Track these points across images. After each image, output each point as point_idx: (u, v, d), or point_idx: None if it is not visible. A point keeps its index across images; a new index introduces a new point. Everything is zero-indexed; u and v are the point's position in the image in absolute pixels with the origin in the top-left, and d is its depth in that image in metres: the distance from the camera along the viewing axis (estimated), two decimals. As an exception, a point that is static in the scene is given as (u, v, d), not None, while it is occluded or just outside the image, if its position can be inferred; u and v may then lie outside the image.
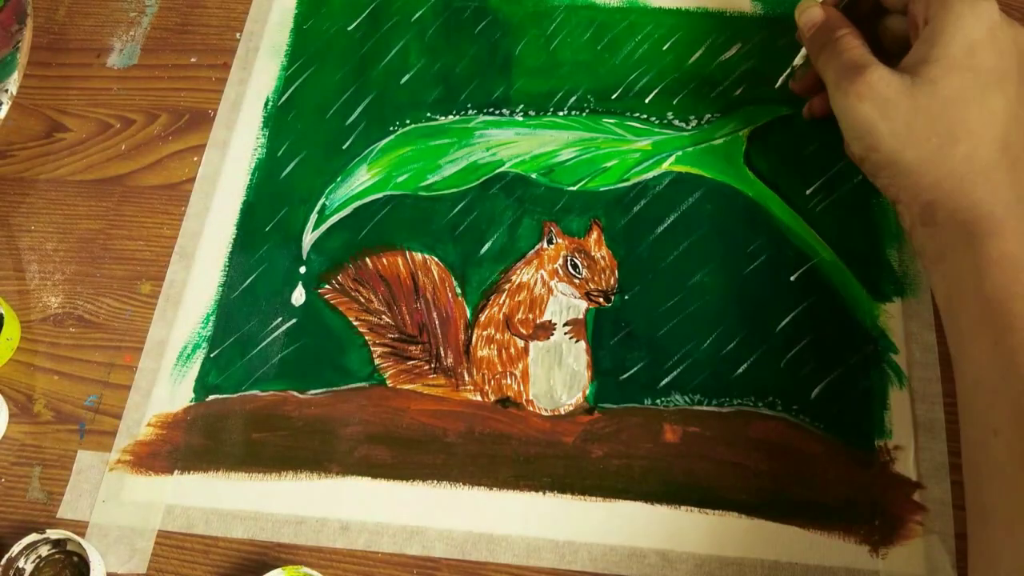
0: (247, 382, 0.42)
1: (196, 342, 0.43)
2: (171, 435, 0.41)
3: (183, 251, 0.45)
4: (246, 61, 0.51)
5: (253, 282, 0.45)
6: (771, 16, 0.50)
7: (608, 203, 0.45)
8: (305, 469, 0.40)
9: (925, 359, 0.41)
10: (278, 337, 0.43)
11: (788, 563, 0.37)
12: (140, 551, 0.39)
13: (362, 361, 0.42)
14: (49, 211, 0.47)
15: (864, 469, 0.39)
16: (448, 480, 0.39)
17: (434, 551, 0.38)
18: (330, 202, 0.46)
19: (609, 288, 0.43)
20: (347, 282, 0.44)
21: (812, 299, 0.42)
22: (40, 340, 0.44)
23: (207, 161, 0.48)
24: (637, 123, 0.47)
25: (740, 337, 0.42)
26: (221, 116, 0.49)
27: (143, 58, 0.52)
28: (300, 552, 0.39)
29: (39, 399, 0.42)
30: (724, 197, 0.45)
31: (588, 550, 0.38)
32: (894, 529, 0.38)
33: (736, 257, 0.44)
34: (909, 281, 0.43)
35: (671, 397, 0.41)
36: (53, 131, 0.50)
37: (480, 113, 0.48)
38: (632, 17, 0.51)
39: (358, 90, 0.49)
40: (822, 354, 0.41)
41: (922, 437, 0.39)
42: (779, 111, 0.47)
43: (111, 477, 0.40)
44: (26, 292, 0.45)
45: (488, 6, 0.52)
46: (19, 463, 0.41)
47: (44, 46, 0.52)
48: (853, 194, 0.45)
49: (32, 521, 0.40)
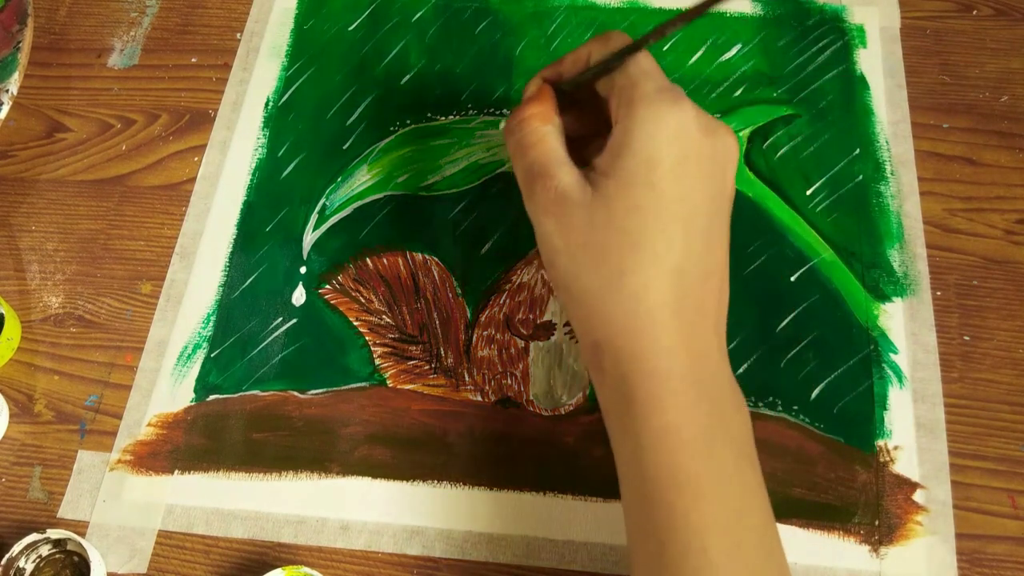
0: (247, 382, 0.42)
1: (197, 342, 0.43)
2: (171, 435, 0.41)
3: (184, 251, 0.45)
4: (247, 61, 0.51)
5: (254, 282, 0.45)
6: (771, 16, 0.50)
7: (608, 203, 0.45)
8: (305, 469, 0.40)
9: (925, 359, 0.41)
10: (278, 337, 0.43)
11: (788, 563, 0.37)
12: (140, 551, 0.39)
13: (362, 361, 0.42)
14: (50, 211, 0.47)
15: (864, 469, 0.39)
16: (448, 480, 0.39)
17: (434, 551, 0.38)
18: (331, 202, 0.46)
19: (609, 288, 0.43)
20: (347, 282, 0.44)
21: (812, 299, 0.42)
22: (41, 340, 0.44)
23: (208, 161, 0.48)
24: (637, 123, 0.47)
25: (740, 337, 0.42)
26: (222, 116, 0.49)
27: (144, 58, 0.52)
28: (300, 552, 0.39)
29: (40, 399, 0.42)
30: (724, 197, 0.45)
31: (588, 550, 0.38)
32: (894, 529, 0.38)
33: (736, 257, 0.43)
34: (909, 281, 0.43)
35: (671, 397, 0.41)
36: (54, 131, 0.50)
37: (481, 113, 0.48)
38: (632, 17, 0.51)
39: (359, 90, 0.49)
40: (822, 354, 0.41)
41: (922, 437, 0.39)
42: (779, 111, 0.47)
43: (111, 477, 0.40)
44: (27, 292, 0.45)
45: (489, 7, 0.52)
46: (19, 463, 0.41)
47: (45, 46, 0.52)
48: (853, 194, 0.45)
49: (32, 521, 0.40)
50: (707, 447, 0.29)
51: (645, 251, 0.30)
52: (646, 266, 0.30)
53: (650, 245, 0.30)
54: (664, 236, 0.30)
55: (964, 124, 0.47)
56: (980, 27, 0.50)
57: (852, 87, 0.48)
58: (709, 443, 0.29)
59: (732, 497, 0.29)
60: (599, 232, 0.30)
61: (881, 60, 0.49)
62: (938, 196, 0.45)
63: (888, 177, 0.45)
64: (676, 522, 0.29)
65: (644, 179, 0.30)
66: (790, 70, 0.49)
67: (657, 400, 0.29)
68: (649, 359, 0.30)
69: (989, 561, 0.37)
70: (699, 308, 0.31)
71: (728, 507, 0.29)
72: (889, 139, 0.46)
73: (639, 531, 0.30)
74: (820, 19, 0.50)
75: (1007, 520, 0.38)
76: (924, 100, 0.48)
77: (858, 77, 0.48)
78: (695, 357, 0.30)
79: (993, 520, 0.38)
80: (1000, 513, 0.38)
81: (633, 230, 0.30)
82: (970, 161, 0.46)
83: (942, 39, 0.50)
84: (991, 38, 0.50)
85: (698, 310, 0.31)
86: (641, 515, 0.30)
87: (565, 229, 0.31)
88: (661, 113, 0.30)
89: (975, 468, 0.39)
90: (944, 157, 0.46)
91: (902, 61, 0.49)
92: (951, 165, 0.46)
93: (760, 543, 0.30)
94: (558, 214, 0.32)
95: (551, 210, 0.32)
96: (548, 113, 0.34)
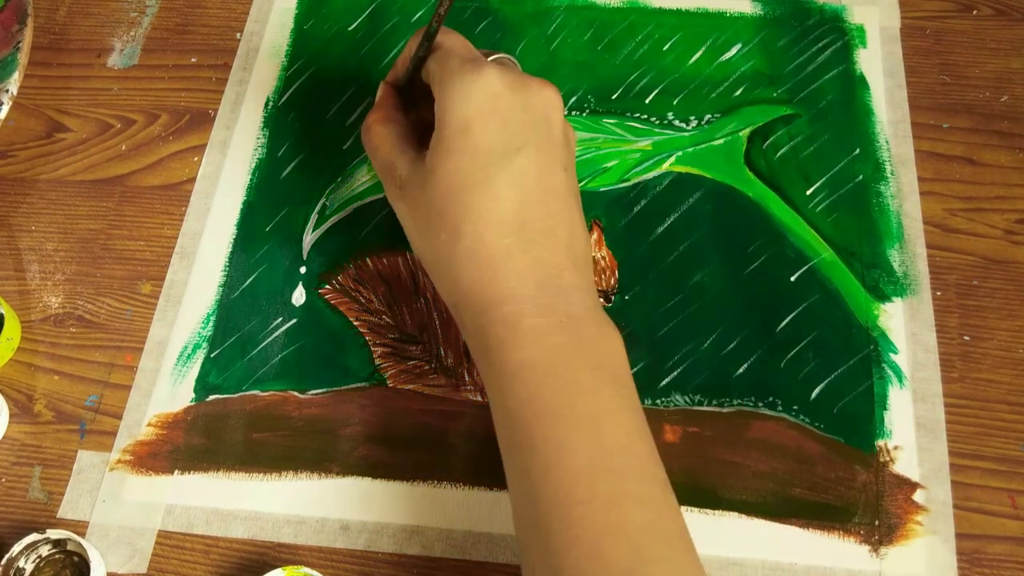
0: (247, 382, 0.42)
1: (196, 342, 0.43)
2: (171, 435, 0.41)
3: (183, 251, 0.45)
4: (247, 61, 0.51)
5: (253, 282, 0.45)
6: (771, 16, 0.50)
7: (608, 203, 0.45)
8: (305, 469, 0.40)
9: (925, 359, 0.41)
10: (278, 337, 0.43)
11: (788, 563, 0.37)
12: (140, 551, 0.39)
13: (362, 361, 0.42)
14: (50, 211, 0.47)
15: (864, 469, 0.39)
16: (448, 480, 0.39)
17: (434, 551, 0.38)
18: (331, 202, 0.46)
19: (609, 288, 0.43)
20: (347, 282, 0.44)
21: (812, 299, 0.42)
22: (40, 340, 0.44)
23: (207, 161, 0.48)
24: (637, 123, 0.48)
25: (740, 337, 0.42)
26: (221, 116, 0.49)
27: (143, 58, 0.52)
28: (300, 552, 0.39)
29: (39, 399, 0.42)
30: (724, 197, 0.45)
31: (588, 550, 0.38)
32: (894, 529, 0.38)
33: (736, 257, 0.44)
34: (909, 281, 0.43)
35: (671, 397, 0.41)
36: (54, 131, 0.50)
37: (480, 113, 0.48)
38: (632, 17, 0.51)
39: (358, 90, 0.49)
40: (822, 354, 0.41)
41: (922, 437, 0.39)
42: (779, 111, 0.47)
43: (111, 477, 0.40)
44: (26, 292, 0.45)
45: (489, 7, 0.52)
46: (19, 463, 0.41)
47: (45, 46, 0.52)
48: (853, 194, 0.45)
49: (32, 521, 0.40)
50: (565, 375, 0.30)
51: (473, 208, 0.32)
52: (477, 222, 0.32)
53: (477, 202, 0.32)
54: (490, 190, 0.32)
55: (964, 124, 0.47)
56: (980, 27, 0.50)
57: (852, 87, 0.48)
58: (567, 371, 0.30)
59: (588, 418, 0.30)
60: (435, 204, 0.33)
61: (881, 60, 0.49)
62: (938, 196, 0.45)
63: (888, 177, 0.45)
64: (537, 448, 0.30)
65: (461, 145, 0.32)
66: (790, 70, 0.49)
67: (511, 342, 0.31)
68: (499, 306, 0.32)
69: (989, 561, 0.37)
70: (545, 247, 0.32)
71: (584, 429, 0.30)
72: (889, 139, 0.46)
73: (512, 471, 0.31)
74: (820, 19, 0.50)
75: (1007, 520, 0.38)
76: (924, 100, 0.48)
77: (858, 77, 0.48)
78: (546, 293, 0.32)
79: (993, 520, 0.38)
80: (1000, 513, 0.38)
81: (460, 192, 0.32)
82: (970, 161, 0.46)
83: (942, 39, 0.50)
84: (991, 38, 0.50)
85: (544, 248, 0.32)
86: (511, 454, 0.31)
87: (413, 211, 0.34)
88: (466, 82, 0.33)
89: (975, 468, 0.39)
90: (944, 157, 0.46)
91: (902, 61, 0.49)
92: (951, 165, 0.46)
93: (627, 464, 0.30)
94: (405, 199, 0.35)
95: (400, 196, 0.35)
96: (387, 115, 0.37)
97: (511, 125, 0.33)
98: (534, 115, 0.33)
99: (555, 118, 0.34)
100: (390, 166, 0.36)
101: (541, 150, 0.33)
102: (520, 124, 0.33)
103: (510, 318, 0.31)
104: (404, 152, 0.35)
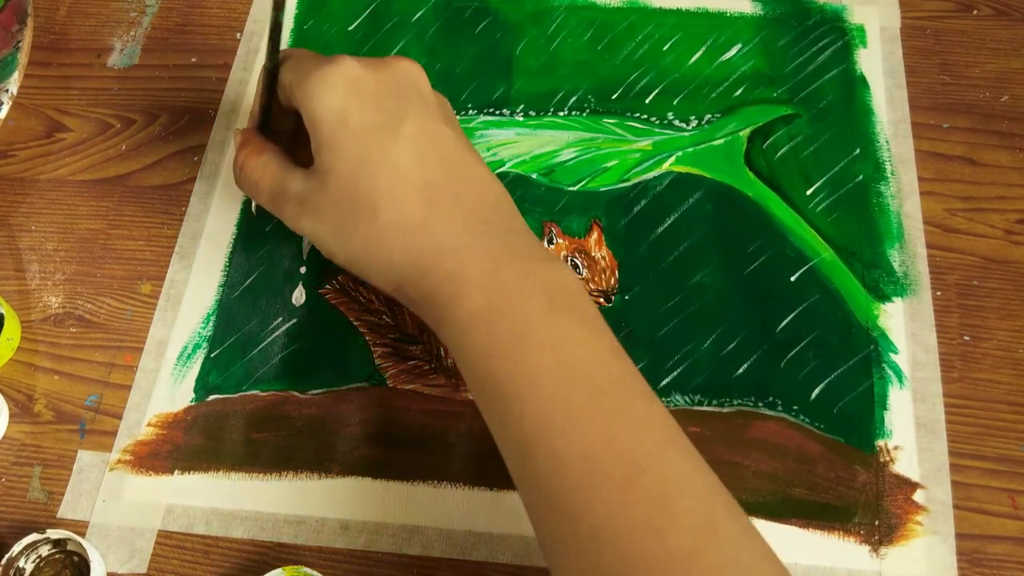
0: (247, 382, 0.42)
1: (196, 342, 0.43)
2: (171, 435, 0.41)
3: (183, 251, 0.45)
4: (247, 61, 0.51)
5: (253, 282, 0.45)
6: (771, 16, 0.50)
7: (608, 203, 0.45)
8: (305, 469, 0.40)
9: (925, 359, 0.41)
10: (278, 337, 0.43)
11: (788, 563, 0.37)
12: (140, 551, 0.39)
13: (362, 361, 0.42)
14: (49, 211, 0.47)
15: (864, 469, 0.39)
16: (448, 480, 0.39)
17: (434, 551, 0.38)
18: (330, 202, 0.46)
19: (609, 288, 0.43)
20: (348, 282, 0.44)
21: (812, 299, 0.42)
22: (40, 340, 0.44)
23: (208, 161, 0.48)
24: (637, 123, 0.48)
25: (740, 337, 0.42)
26: (221, 116, 0.49)
27: (143, 58, 0.52)
28: (300, 552, 0.39)
29: (39, 399, 0.42)
30: (724, 197, 0.45)
31: (588, 550, 0.38)
32: (894, 529, 0.38)
33: (736, 257, 0.44)
34: (909, 281, 0.43)
35: (671, 397, 0.41)
36: (53, 131, 0.50)
37: (480, 113, 0.48)
38: (632, 17, 0.51)
39: (358, 90, 0.49)
40: (822, 354, 0.41)
41: (922, 437, 0.39)
42: (779, 111, 0.47)
43: (111, 477, 0.40)
44: (26, 292, 0.45)
45: (488, 6, 0.52)
46: (19, 463, 0.41)
47: (45, 46, 0.52)
48: (853, 194, 0.45)
49: (32, 521, 0.40)
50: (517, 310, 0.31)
51: (382, 186, 0.32)
52: (392, 196, 0.32)
53: (384, 180, 0.32)
54: (390, 164, 0.32)
55: (964, 124, 0.47)
56: (980, 27, 0.50)
57: (852, 87, 0.48)
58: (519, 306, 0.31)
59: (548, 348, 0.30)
60: (344, 198, 0.33)
61: (881, 60, 0.49)
62: (938, 196, 0.45)
63: (888, 177, 0.45)
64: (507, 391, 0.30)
65: (344, 135, 0.33)
66: (790, 70, 0.49)
67: (458, 294, 0.31)
68: (438, 266, 0.32)
69: (989, 561, 0.37)
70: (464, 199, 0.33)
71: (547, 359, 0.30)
72: (889, 139, 0.46)
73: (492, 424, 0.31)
74: (820, 19, 0.50)
75: (1007, 520, 0.38)
76: (924, 100, 0.48)
77: (858, 77, 0.48)
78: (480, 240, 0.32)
79: (993, 520, 0.38)
80: (1000, 513, 0.38)
81: (363, 176, 0.32)
82: (970, 161, 0.46)
83: (942, 39, 0.50)
84: (991, 38, 0.50)
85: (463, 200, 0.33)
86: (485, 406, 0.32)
87: (322, 216, 0.34)
88: (325, 75, 0.33)
89: (975, 468, 0.39)
90: (944, 157, 0.46)
91: (902, 61, 0.49)
92: (951, 165, 0.46)
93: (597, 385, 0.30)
94: (308, 211, 0.34)
95: (302, 212, 0.34)
96: (258, 147, 0.37)
97: (384, 101, 0.33)
98: (402, 87, 0.34)
99: (423, 86, 0.35)
100: (280, 188, 0.35)
101: (421, 115, 0.34)
102: (392, 98, 0.33)
103: (452, 272, 0.32)
104: (291, 171, 0.35)
